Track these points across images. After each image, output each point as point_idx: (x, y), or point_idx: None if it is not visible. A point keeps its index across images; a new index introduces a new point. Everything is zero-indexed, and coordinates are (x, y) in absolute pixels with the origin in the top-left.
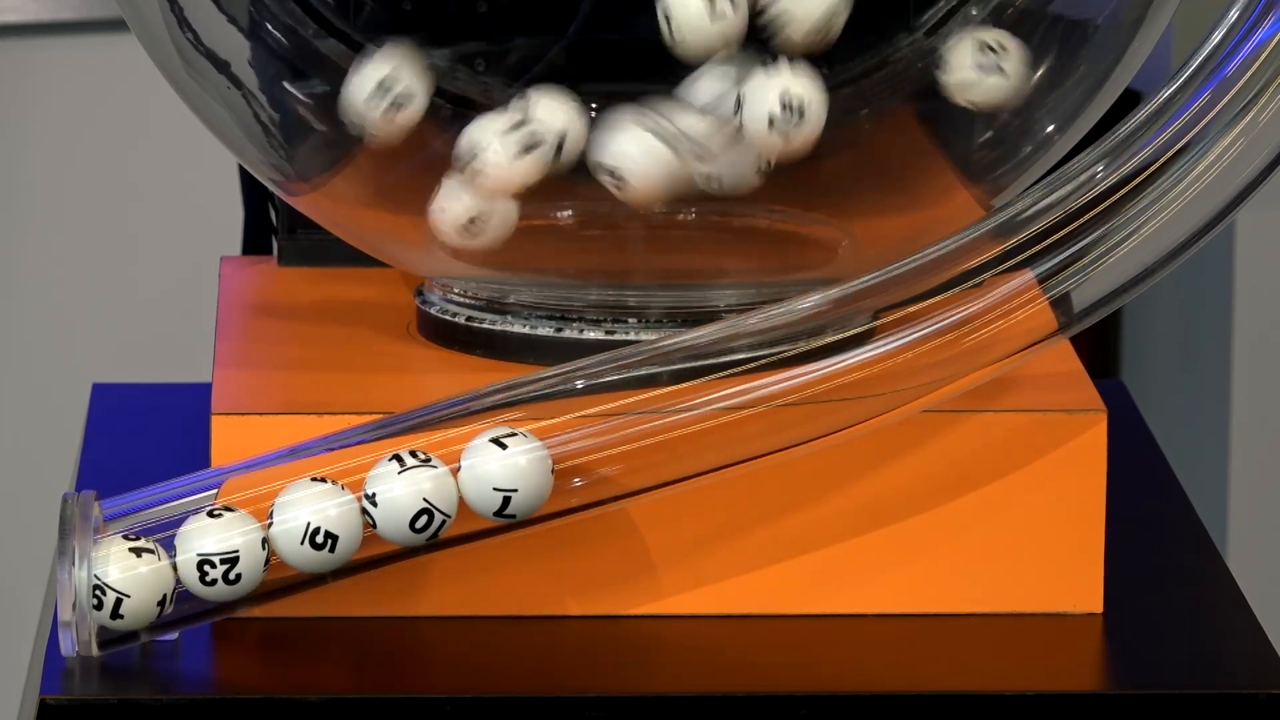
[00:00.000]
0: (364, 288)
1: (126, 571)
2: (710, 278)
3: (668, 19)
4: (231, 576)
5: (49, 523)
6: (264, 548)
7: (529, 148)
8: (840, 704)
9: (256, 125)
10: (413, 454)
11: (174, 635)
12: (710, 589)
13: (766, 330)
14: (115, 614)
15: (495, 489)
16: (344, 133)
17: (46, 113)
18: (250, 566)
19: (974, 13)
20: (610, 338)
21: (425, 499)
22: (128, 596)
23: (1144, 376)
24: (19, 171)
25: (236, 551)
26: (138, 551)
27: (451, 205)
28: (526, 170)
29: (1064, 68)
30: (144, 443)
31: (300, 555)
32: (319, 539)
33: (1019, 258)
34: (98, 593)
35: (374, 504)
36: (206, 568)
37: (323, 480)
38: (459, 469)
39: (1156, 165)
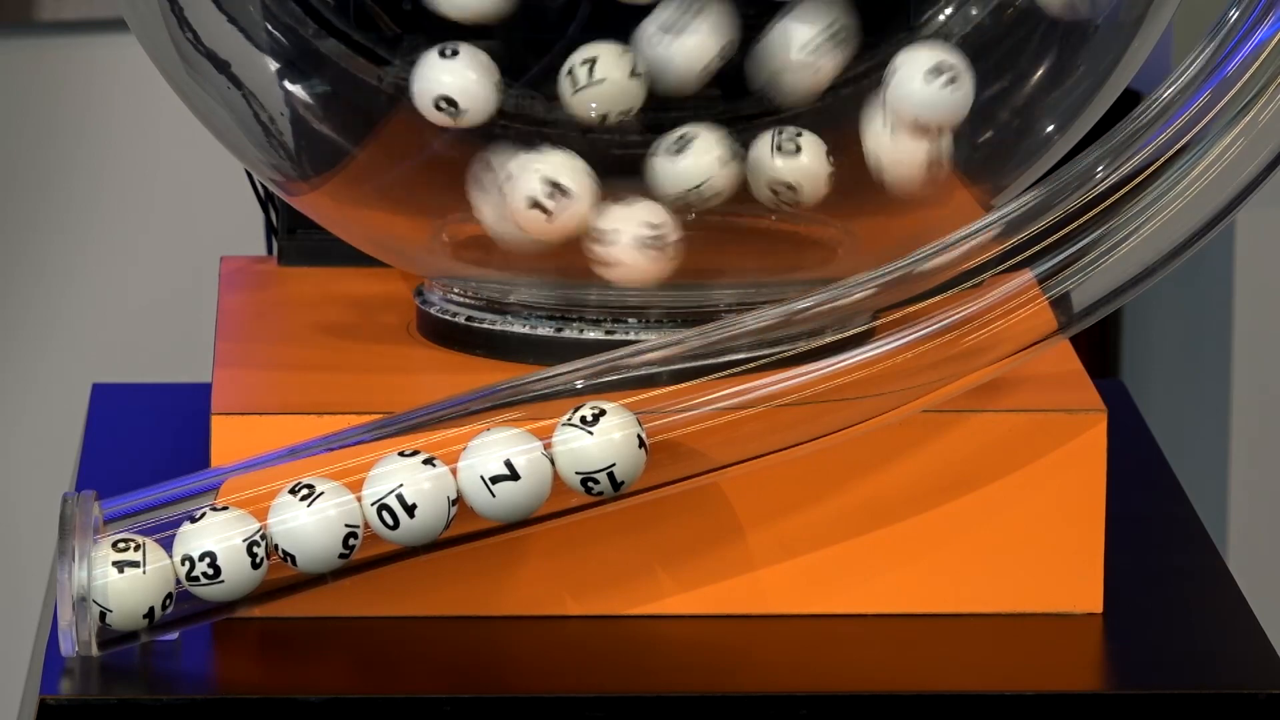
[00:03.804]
0: (364, 288)
1: (108, 586)
2: (710, 278)
3: None
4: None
5: (49, 523)
6: (260, 547)
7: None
8: (840, 704)
9: (256, 125)
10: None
11: (174, 635)
12: (710, 589)
13: (766, 330)
14: (103, 624)
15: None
16: (343, 133)
17: (46, 112)
18: (237, 568)
19: (974, 12)
20: (610, 338)
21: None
22: (110, 611)
23: (1144, 376)
24: (18, 171)
25: (233, 547)
26: (120, 566)
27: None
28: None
29: (1064, 68)
30: (144, 443)
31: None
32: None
33: (1019, 258)
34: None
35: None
36: (201, 567)
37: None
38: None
39: (1156, 165)
